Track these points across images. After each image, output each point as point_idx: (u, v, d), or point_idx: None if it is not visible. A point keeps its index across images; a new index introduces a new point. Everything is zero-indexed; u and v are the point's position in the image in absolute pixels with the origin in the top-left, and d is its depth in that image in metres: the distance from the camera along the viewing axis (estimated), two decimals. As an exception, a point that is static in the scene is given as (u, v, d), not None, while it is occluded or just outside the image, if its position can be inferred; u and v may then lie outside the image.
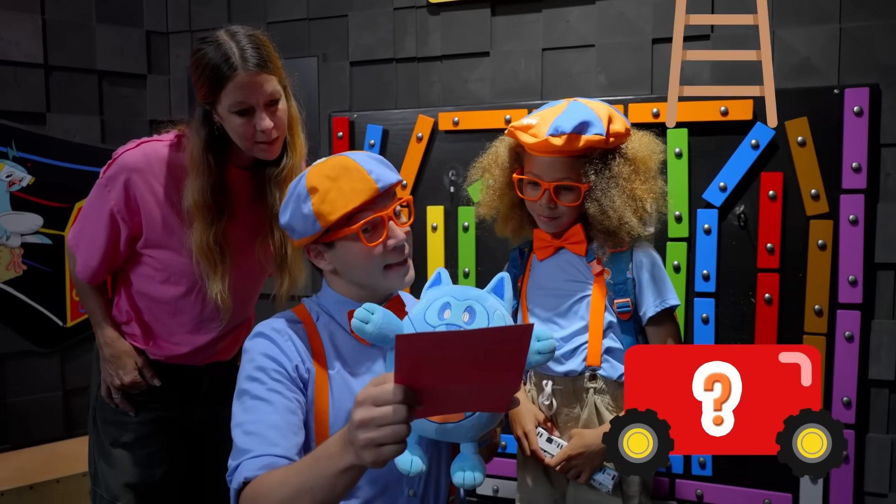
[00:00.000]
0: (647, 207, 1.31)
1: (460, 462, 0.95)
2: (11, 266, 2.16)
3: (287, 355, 1.02)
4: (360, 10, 2.15)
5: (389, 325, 0.92)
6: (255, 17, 2.29)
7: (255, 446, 0.95)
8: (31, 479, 1.95)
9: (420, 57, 2.10)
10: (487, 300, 0.96)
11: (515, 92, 2.00)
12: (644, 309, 1.33)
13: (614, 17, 1.89)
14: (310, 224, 1.03)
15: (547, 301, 1.39)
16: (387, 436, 0.74)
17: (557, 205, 1.32)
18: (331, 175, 1.02)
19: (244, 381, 1.02)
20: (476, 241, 2.00)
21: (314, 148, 2.23)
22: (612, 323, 1.34)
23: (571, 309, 1.35)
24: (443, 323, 0.91)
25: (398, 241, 1.05)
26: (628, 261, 1.34)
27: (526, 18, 1.98)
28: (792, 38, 1.73)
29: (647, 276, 1.33)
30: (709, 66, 1.80)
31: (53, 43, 2.21)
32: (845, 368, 1.68)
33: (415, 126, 2.03)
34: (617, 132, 1.29)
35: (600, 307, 1.33)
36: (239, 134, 1.28)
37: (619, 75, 1.89)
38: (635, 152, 1.33)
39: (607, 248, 1.33)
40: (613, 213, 1.28)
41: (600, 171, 1.29)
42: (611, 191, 1.28)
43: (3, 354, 2.16)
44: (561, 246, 1.38)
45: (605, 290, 1.33)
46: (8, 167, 2.13)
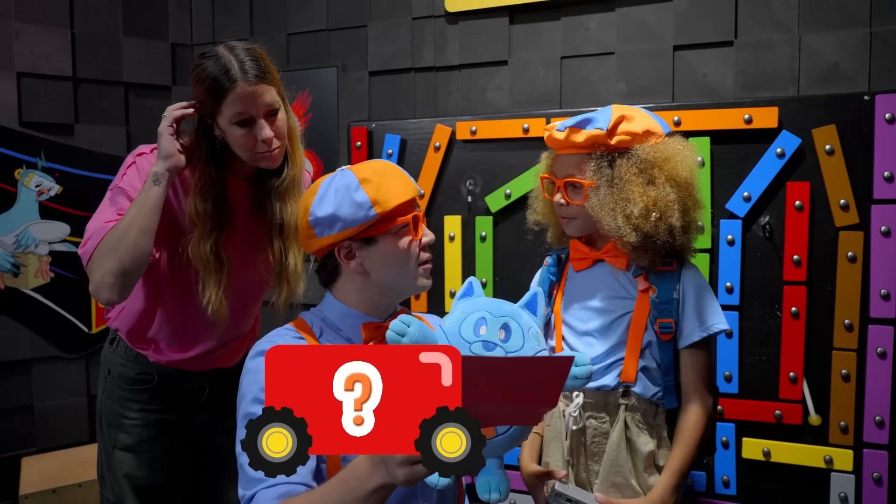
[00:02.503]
0: (637, 213, 1.22)
1: (486, 476, 0.94)
2: (40, 273, 2.21)
3: None
4: (379, 21, 2.16)
5: (425, 338, 0.91)
6: (277, 28, 2.32)
7: None
8: (54, 482, 1.99)
9: (438, 66, 2.09)
10: (522, 317, 0.95)
11: (534, 101, 1.98)
12: (686, 332, 1.28)
13: (634, 24, 1.86)
14: (363, 211, 1.01)
15: (584, 314, 1.34)
16: None
17: (569, 203, 1.30)
18: (377, 171, 1.05)
19: (251, 405, 0.99)
20: (493, 250, 1.98)
21: (332, 157, 2.25)
22: (651, 342, 1.29)
23: (611, 326, 1.30)
24: (479, 339, 0.90)
25: (430, 238, 1.09)
26: (676, 280, 1.29)
27: (544, 27, 1.96)
28: (819, 44, 1.68)
29: (693, 298, 1.28)
30: (732, 73, 1.76)
31: (82, 56, 2.27)
32: (877, 386, 1.61)
33: (432, 135, 2.03)
34: (629, 132, 1.25)
35: (641, 325, 1.28)
36: (241, 144, 1.30)
37: (640, 83, 1.86)
38: (649, 155, 1.25)
39: (656, 264, 1.28)
40: (603, 213, 1.24)
41: (602, 169, 1.26)
42: (604, 189, 1.24)
43: (31, 360, 2.21)
44: (599, 259, 1.33)
45: (649, 308, 1.28)
46: (37, 177, 2.19)
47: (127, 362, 1.46)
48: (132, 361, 1.45)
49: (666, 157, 1.25)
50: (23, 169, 2.17)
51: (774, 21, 1.72)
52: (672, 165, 1.26)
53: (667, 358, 1.29)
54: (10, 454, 2.18)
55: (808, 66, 1.69)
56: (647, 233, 1.23)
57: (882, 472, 1.60)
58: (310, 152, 2.28)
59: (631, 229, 1.23)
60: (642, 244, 1.24)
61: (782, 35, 1.71)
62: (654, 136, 1.27)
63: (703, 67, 1.80)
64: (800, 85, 1.70)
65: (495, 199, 1.96)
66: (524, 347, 0.90)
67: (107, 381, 1.49)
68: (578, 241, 1.37)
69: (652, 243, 1.25)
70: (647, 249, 1.26)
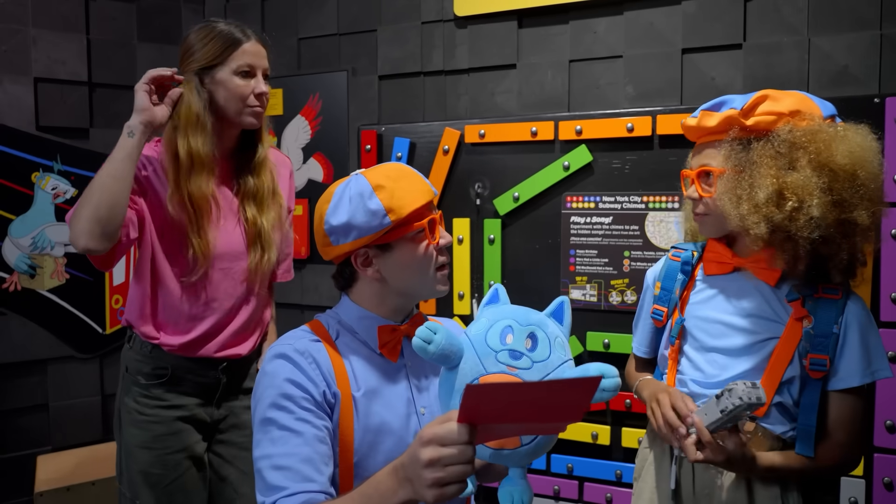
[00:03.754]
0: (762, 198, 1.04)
1: (509, 486, 0.92)
2: (55, 275, 2.25)
3: (313, 381, 0.98)
4: (389, 25, 2.18)
5: (451, 345, 0.89)
6: (288, 32, 2.34)
7: (288, 483, 0.91)
8: (68, 480, 2.02)
9: (447, 70, 2.11)
10: (548, 326, 0.93)
11: (542, 104, 1.99)
12: (844, 374, 1.10)
13: (643, 27, 1.86)
14: (378, 219, 1.00)
15: (716, 329, 1.18)
16: (452, 475, 0.74)
17: (701, 197, 1.17)
18: (391, 176, 1.03)
19: (269, 410, 0.96)
20: (501, 253, 1.99)
21: (343, 160, 2.27)
22: (794, 377, 1.11)
23: (750, 349, 1.13)
24: (505, 348, 0.89)
25: (447, 240, 1.06)
26: (839, 312, 1.10)
27: (553, 30, 1.97)
28: (829, 47, 1.67)
29: (859, 336, 1.10)
30: (741, 76, 1.76)
31: (97, 61, 2.30)
32: (889, 391, 1.59)
33: (441, 139, 2.04)
34: (771, 111, 1.08)
35: (786, 356, 1.11)
36: (237, 94, 1.43)
37: (648, 86, 1.86)
38: (792, 136, 1.06)
39: (818, 289, 1.10)
40: (727, 202, 1.08)
41: (736, 154, 1.10)
42: (733, 176, 1.08)
43: (46, 360, 2.25)
44: (740, 266, 1.18)
45: (799, 339, 1.11)
46: (53, 180, 2.23)
47: (143, 358, 1.49)
48: (147, 357, 1.48)
49: (811, 138, 1.06)
50: (39, 172, 2.21)
51: (784, 23, 1.72)
52: (818, 147, 1.05)
53: (811, 399, 1.11)
54: (26, 452, 2.21)
55: (817, 69, 1.68)
56: (781, 225, 1.05)
57: (893, 478, 1.58)
58: (320, 155, 2.31)
59: (759, 219, 1.05)
60: (781, 243, 1.07)
61: (791, 38, 1.71)
62: (803, 117, 1.09)
63: (712, 70, 1.80)
64: (809, 88, 1.69)
65: (504, 202, 1.97)
66: (550, 357, 0.88)
67: (124, 378, 1.52)
68: (718, 242, 1.22)
69: (791, 242, 1.07)
70: (785, 250, 1.08)
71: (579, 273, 1.90)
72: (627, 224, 1.84)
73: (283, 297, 2.39)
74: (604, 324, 1.88)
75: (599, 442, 1.88)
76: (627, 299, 1.85)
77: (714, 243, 1.24)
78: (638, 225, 1.82)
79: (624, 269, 1.85)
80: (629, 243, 1.85)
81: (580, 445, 1.90)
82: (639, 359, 1.43)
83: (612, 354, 1.85)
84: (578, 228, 1.90)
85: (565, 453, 1.92)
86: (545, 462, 1.94)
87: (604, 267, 1.88)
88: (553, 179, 1.90)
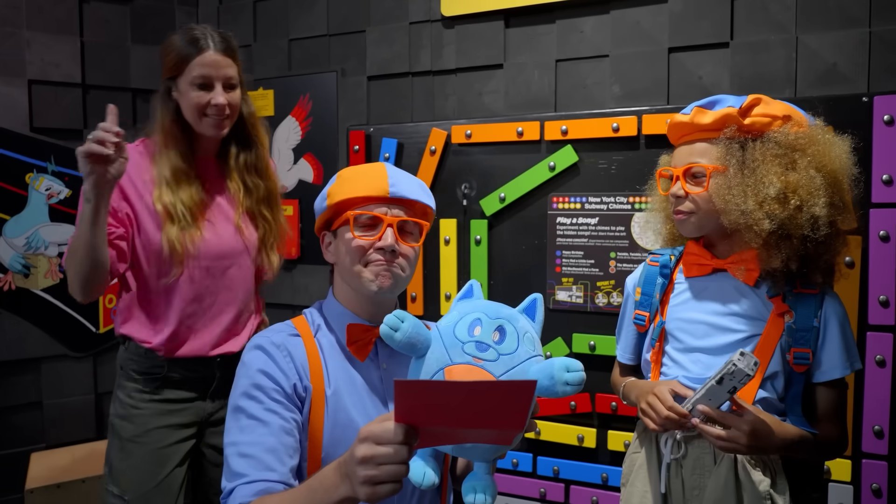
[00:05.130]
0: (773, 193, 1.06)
1: (472, 481, 0.92)
2: (49, 274, 2.28)
3: (285, 373, 1.00)
4: (377, 25, 2.18)
5: (418, 334, 0.90)
6: (279, 33, 2.35)
7: (250, 470, 0.94)
8: (59, 478, 2.04)
9: (435, 70, 2.10)
10: (519, 321, 0.92)
11: (529, 104, 1.98)
12: (828, 367, 1.14)
13: (629, 26, 1.84)
14: (321, 202, 1.10)
15: (698, 329, 1.20)
16: (385, 475, 0.75)
17: (687, 194, 1.17)
18: (359, 170, 1.09)
19: (240, 398, 1.00)
20: (488, 253, 1.98)
21: (332, 161, 2.27)
22: (777, 372, 1.15)
23: (733, 348, 1.15)
24: (472, 340, 0.88)
25: (385, 244, 1.04)
26: (818, 307, 1.14)
27: (540, 30, 1.95)
28: (817, 44, 1.65)
29: (839, 329, 1.14)
30: (728, 75, 1.73)
31: (91, 63, 2.33)
32: (877, 395, 1.56)
33: (428, 139, 2.03)
34: (766, 114, 1.11)
35: (768, 352, 1.13)
36: (193, 104, 1.44)
37: (634, 85, 1.84)
38: (789, 139, 1.10)
39: (793, 276, 1.13)
40: (730, 198, 1.09)
41: (733, 152, 1.12)
42: (733, 172, 1.10)
43: (40, 358, 2.28)
44: (721, 268, 1.19)
45: (780, 334, 1.14)
46: (47, 181, 2.25)
47: (138, 358, 1.50)
48: (143, 357, 1.49)
49: (810, 142, 1.10)
50: (33, 173, 2.23)
51: (771, 22, 1.69)
52: (818, 151, 1.10)
53: (795, 390, 1.15)
54: (20, 449, 2.24)
55: (805, 68, 1.65)
56: (784, 222, 1.07)
57: (881, 483, 1.55)
58: (310, 156, 2.32)
59: (763, 215, 1.07)
60: (777, 241, 1.09)
61: (779, 36, 1.68)
62: (795, 123, 1.13)
63: (699, 69, 1.77)
64: (797, 86, 1.67)
65: (490, 203, 1.96)
66: (518, 351, 0.87)
67: (119, 375, 1.54)
68: (696, 244, 1.24)
69: (788, 241, 1.09)
70: (781, 248, 1.10)
71: (565, 274, 1.89)
72: (613, 225, 1.82)
73: (274, 297, 2.40)
74: (590, 325, 1.86)
75: (585, 444, 1.86)
76: (614, 301, 1.83)
77: (693, 245, 1.24)
78: (624, 226, 1.81)
79: (610, 271, 1.84)
80: (615, 244, 1.83)
81: (566, 448, 1.89)
82: (623, 366, 1.43)
83: (597, 357, 1.83)
84: (565, 229, 1.88)
85: (551, 456, 1.91)
86: (531, 464, 1.93)
87: (590, 268, 1.86)
88: (539, 180, 1.89)
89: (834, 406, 1.17)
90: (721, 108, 1.14)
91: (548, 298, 1.90)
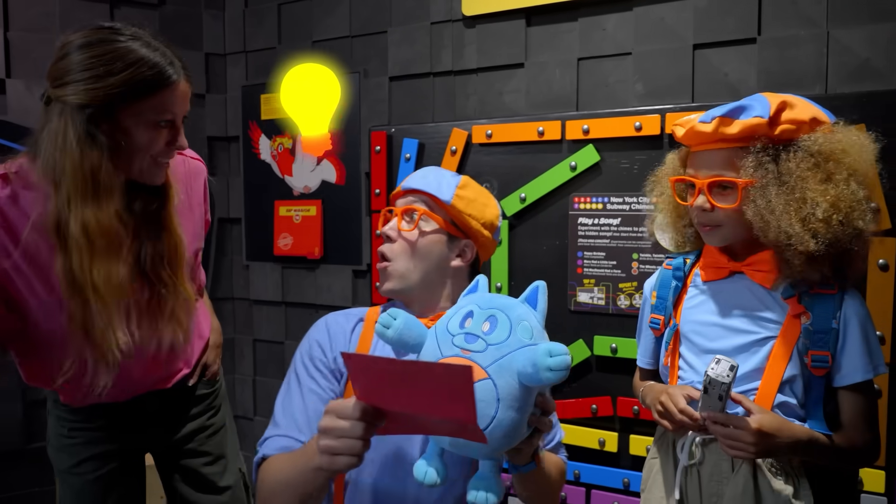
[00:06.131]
0: (820, 215, 1.03)
1: (477, 481, 0.91)
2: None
3: (333, 348, 1.09)
4: (399, 26, 2.18)
5: (410, 331, 0.92)
6: (303, 36, 2.37)
7: (284, 426, 1.05)
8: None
9: (456, 70, 2.10)
10: (515, 310, 0.90)
11: (550, 103, 1.96)
12: (848, 370, 1.10)
13: (653, 23, 1.81)
14: None
15: (712, 332, 1.18)
16: (342, 447, 0.79)
17: (714, 208, 1.13)
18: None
19: (295, 361, 1.11)
20: (508, 253, 1.96)
21: (355, 161, 2.28)
22: (795, 375, 1.11)
23: (747, 349, 1.13)
24: (462, 332, 0.88)
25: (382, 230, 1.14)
26: (836, 307, 1.10)
27: (562, 28, 1.93)
28: (849, 39, 1.59)
29: (859, 330, 1.10)
30: (755, 72, 1.69)
31: (121, 67, 2.38)
32: (913, 404, 1.50)
33: (449, 139, 2.03)
34: (793, 119, 1.06)
35: (785, 354, 1.10)
36: (149, 145, 1.09)
37: (658, 83, 1.80)
38: (822, 146, 1.06)
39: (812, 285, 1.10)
40: (772, 217, 1.05)
41: (764, 165, 1.07)
42: (771, 188, 1.05)
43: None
44: (738, 270, 1.17)
45: (797, 336, 1.10)
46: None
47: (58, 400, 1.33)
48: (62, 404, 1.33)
49: (844, 149, 1.06)
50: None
51: (800, 16, 1.64)
52: (853, 158, 1.06)
53: (815, 394, 1.11)
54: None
55: (836, 63, 1.60)
56: (829, 240, 1.03)
57: (916, 495, 1.49)
58: (333, 157, 2.33)
59: (809, 235, 1.03)
60: (817, 256, 1.05)
61: (809, 31, 1.63)
62: (821, 126, 1.09)
63: (725, 66, 1.73)
64: (828, 82, 1.61)
65: (510, 203, 1.94)
66: (508, 340, 0.86)
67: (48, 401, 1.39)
68: (714, 248, 1.21)
69: (826, 255, 1.05)
70: (821, 262, 1.06)
71: (587, 276, 1.86)
72: (636, 226, 1.79)
73: (297, 297, 2.43)
74: (611, 328, 1.83)
75: (607, 449, 1.83)
76: (636, 303, 1.79)
77: (711, 249, 1.22)
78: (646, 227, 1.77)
79: (632, 272, 1.80)
80: (638, 245, 1.80)
81: (587, 452, 1.86)
82: (644, 370, 1.42)
83: (619, 359, 1.80)
84: (586, 230, 1.86)
85: (572, 459, 1.88)
86: (551, 468, 1.91)
87: (612, 269, 1.83)
88: (560, 180, 1.87)
89: (859, 411, 1.12)
90: (747, 118, 1.08)
91: (569, 300, 1.88)
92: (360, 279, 2.28)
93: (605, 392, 1.84)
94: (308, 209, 2.36)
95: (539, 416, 0.89)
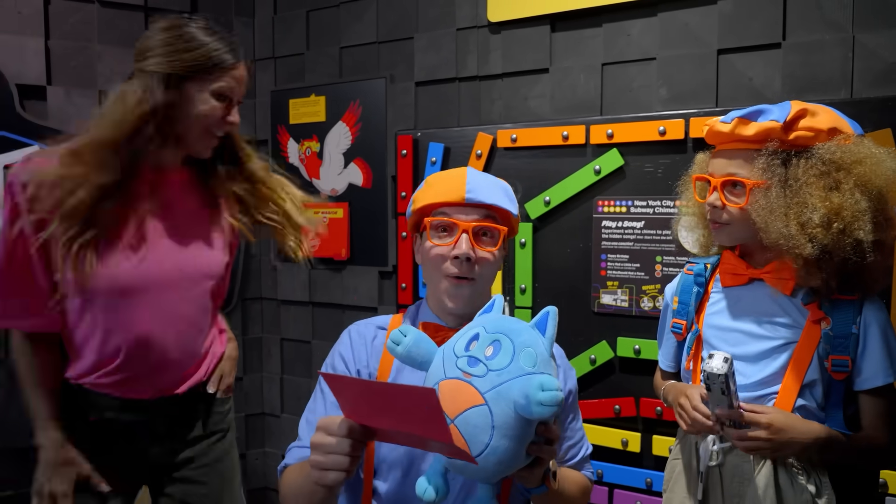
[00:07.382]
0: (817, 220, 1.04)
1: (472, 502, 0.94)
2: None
3: (356, 359, 1.10)
4: (425, 32, 2.23)
5: (419, 349, 0.92)
6: (331, 41, 2.43)
7: (305, 438, 1.06)
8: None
9: (481, 75, 2.13)
10: (521, 335, 0.89)
11: (574, 108, 1.98)
12: (869, 374, 1.12)
13: (677, 28, 1.83)
14: (409, 207, 1.14)
15: (733, 337, 1.20)
16: (329, 463, 0.83)
17: (724, 206, 1.16)
18: (442, 175, 1.12)
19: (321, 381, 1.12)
20: (533, 257, 1.99)
21: (381, 165, 2.33)
22: (815, 380, 1.13)
23: (768, 355, 1.15)
24: (466, 355, 0.88)
25: (460, 252, 1.03)
26: (856, 313, 1.12)
27: (586, 34, 1.96)
28: (875, 43, 1.60)
29: (880, 335, 1.11)
30: (780, 76, 1.70)
31: (156, 73, 2.45)
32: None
33: (474, 143, 2.07)
34: (811, 127, 1.08)
35: (805, 359, 1.12)
36: (208, 116, 1.26)
37: (682, 87, 1.82)
38: (835, 155, 1.07)
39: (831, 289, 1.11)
40: (772, 218, 1.07)
41: (773, 167, 1.09)
42: (775, 190, 1.08)
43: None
44: (757, 277, 1.19)
45: (817, 341, 1.12)
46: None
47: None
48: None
49: (857, 160, 1.07)
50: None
51: (826, 20, 1.65)
52: (864, 170, 1.06)
53: (835, 398, 1.13)
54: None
55: (862, 68, 1.61)
56: (826, 246, 1.05)
57: (943, 499, 1.49)
58: (360, 160, 2.38)
59: (806, 240, 1.05)
60: (816, 261, 1.07)
61: (834, 35, 1.64)
62: (841, 136, 1.10)
63: (749, 71, 1.74)
64: (853, 87, 1.62)
65: (535, 206, 1.97)
66: (510, 367, 0.85)
67: None
68: (732, 254, 1.23)
69: (829, 261, 1.07)
70: (822, 268, 1.08)
71: (610, 278, 1.88)
72: (659, 229, 1.81)
73: (324, 298, 2.49)
74: (635, 330, 1.85)
75: (630, 449, 1.86)
76: (659, 305, 1.81)
77: (729, 255, 1.24)
78: (670, 230, 1.79)
79: (656, 275, 1.82)
80: (661, 248, 1.82)
81: (610, 452, 1.89)
82: (665, 373, 1.45)
83: (642, 361, 1.83)
84: (610, 233, 1.88)
85: (595, 459, 1.91)
86: (574, 467, 1.93)
87: (635, 272, 1.85)
88: (584, 183, 1.90)
89: (880, 414, 1.14)
90: (764, 121, 1.11)
91: (592, 302, 1.91)
92: (386, 280, 2.33)
93: (629, 393, 1.86)
94: (335, 211, 2.41)
95: (541, 445, 0.87)
